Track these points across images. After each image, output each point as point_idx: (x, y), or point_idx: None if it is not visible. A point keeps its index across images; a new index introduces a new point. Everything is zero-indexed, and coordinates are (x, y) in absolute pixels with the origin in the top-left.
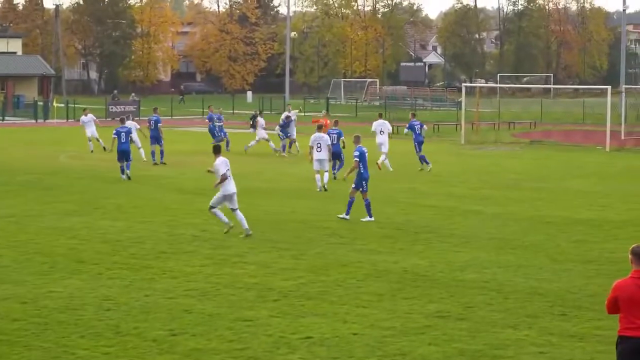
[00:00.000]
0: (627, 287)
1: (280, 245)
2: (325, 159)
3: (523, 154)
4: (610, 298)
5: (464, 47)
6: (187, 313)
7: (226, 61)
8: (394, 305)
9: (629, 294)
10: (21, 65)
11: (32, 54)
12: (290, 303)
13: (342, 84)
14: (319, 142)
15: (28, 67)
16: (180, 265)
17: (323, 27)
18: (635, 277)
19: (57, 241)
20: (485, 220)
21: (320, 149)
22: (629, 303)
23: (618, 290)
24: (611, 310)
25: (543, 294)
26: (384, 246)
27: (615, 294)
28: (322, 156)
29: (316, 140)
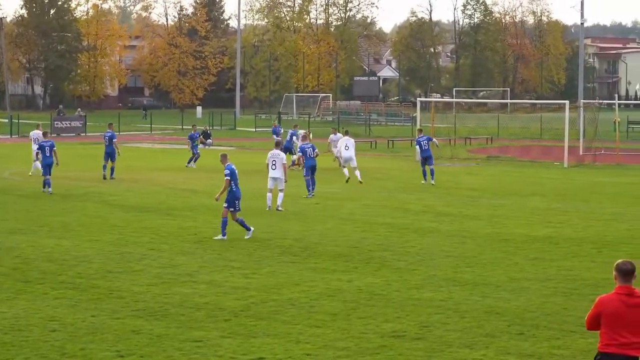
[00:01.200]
0: (611, 302)
1: (231, 264)
2: (279, 177)
3: (480, 170)
4: (592, 314)
5: (418, 61)
6: (135, 334)
7: (175, 75)
8: (348, 325)
9: (612, 309)
10: None
11: None
12: (241, 323)
13: (295, 98)
14: (274, 159)
15: None
16: (128, 284)
17: (275, 41)
18: (620, 292)
19: (0, 260)
20: (442, 238)
21: (275, 166)
22: (612, 319)
23: (601, 305)
24: (591, 325)
25: (500, 313)
26: (338, 264)
27: (599, 309)
28: (276, 174)
29: (272, 157)
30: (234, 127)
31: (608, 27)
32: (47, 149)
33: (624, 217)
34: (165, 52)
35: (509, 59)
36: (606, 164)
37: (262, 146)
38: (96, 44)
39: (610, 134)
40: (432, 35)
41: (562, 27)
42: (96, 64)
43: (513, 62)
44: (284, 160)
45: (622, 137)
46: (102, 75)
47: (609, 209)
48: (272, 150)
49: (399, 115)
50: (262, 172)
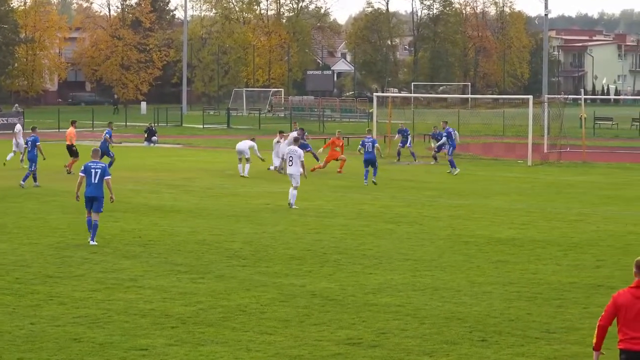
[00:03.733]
0: (623, 296)
1: (178, 268)
2: (295, 173)
3: (439, 169)
4: (606, 307)
5: (375, 54)
6: (76, 342)
7: (118, 69)
8: (301, 332)
9: (623, 302)
10: None
11: None
12: (189, 330)
13: (244, 93)
14: (291, 155)
15: None
16: (69, 290)
17: (223, 33)
18: (633, 286)
19: None
20: (399, 240)
21: (292, 162)
22: (624, 312)
23: (615, 300)
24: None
25: (461, 319)
26: (291, 268)
27: (613, 304)
28: (292, 170)
29: (290, 153)
30: (181, 124)
31: (573, 19)
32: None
33: (591, 217)
34: (108, 44)
35: (469, 52)
36: (572, 162)
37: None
38: (34, 36)
39: (576, 131)
40: (389, 27)
41: (526, 18)
42: (34, 57)
43: (474, 55)
44: (301, 157)
45: (589, 134)
46: (40, 69)
47: (575, 209)
48: (290, 147)
49: (354, 111)
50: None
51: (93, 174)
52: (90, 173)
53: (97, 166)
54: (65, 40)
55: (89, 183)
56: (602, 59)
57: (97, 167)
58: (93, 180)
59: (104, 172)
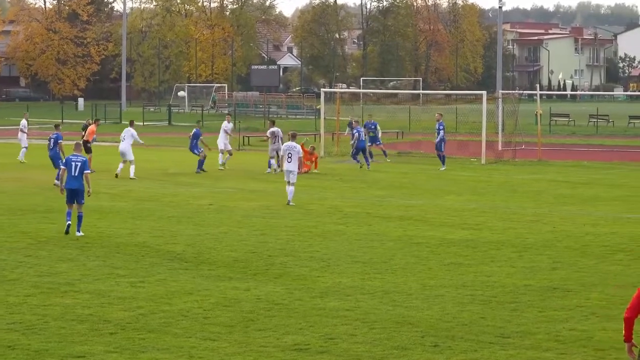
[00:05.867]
0: None
1: (117, 272)
2: (294, 170)
3: (390, 168)
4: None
5: (322, 48)
6: (10, 349)
7: (54, 64)
8: (246, 338)
9: None
10: None
11: None
12: (128, 336)
13: (186, 89)
14: (290, 151)
15: None
16: (2, 295)
17: (164, 26)
18: None
19: None
20: (348, 242)
21: (291, 159)
22: None
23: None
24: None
25: (413, 323)
26: (235, 271)
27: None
28: (291, 167)
29: (288, 149)
30: (120, 121)
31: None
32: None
33: (547, 218)
34: (43, 38)
35: (421, 46)
36: (527, 160)
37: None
38: None
39: (531, 128)
40: (337, 19)
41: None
42: None
43: (426, 49)
44: (300, 153)
45: (544, 131)
46: None
47: (531, 209)
48: (288, 142)
49: (301, 107)
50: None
51: (73, 166)
52: (71, 166)
53: (78, 159)
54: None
55: (69, 176)
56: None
57: (77, 160)
58: (73, 173)
59: (83, 166)
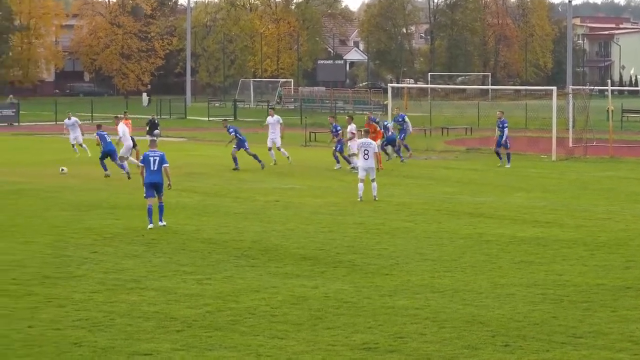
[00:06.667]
0: None
1: (183, 269)
2: (371, 166)
3: (458, 164)
4: None
5: (389, 43)
6: (76, 346)
7: (118, 59)
8: (314, 336)
9: None
10: None
11: None
12: (195, 334)
13: (252, 84)
14: (365, 148)
15: None
16: (69, 291)
17: (229, 20)
18: None
19: None
20: (417, 239)
21: (367, 156)
22: None
23: None
24: None
25: (483, 323)
26: (302, 269)
27: None
28: (368, 164)
29: (363, 146)
30: (185, 116)
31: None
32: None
33: (619, 215)
34: (107, 32)
35: (489, 41)
36: (598, 157)
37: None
38: (29, 24)
39: (602, 124)
40: (404, 14)
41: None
42: (30, 46)
43: (494, 44)
44: (375, 149)
45: (616, 127)
46: (36, 58)
47: (603, 206)
48: (363, 139)
49: (367, 102)
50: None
51: (152, 161)
52: (149, 161)
53: (155, 154)
54: (62, 28)
55: (148, 171)
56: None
57: (155, 155)
58: (152, 167)
59: (162, 160)
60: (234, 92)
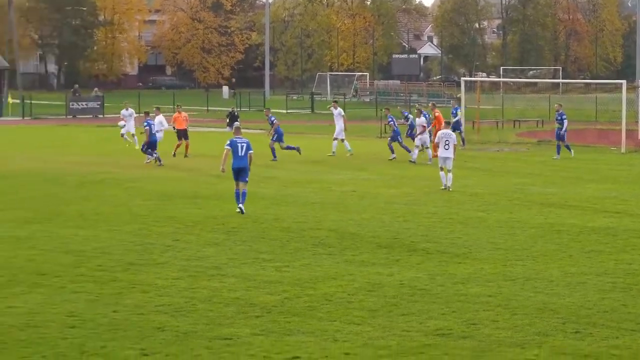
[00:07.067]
0: None
1: (263, 256)
2: (450, 157)
3: (529, 156)
4: None
5: (462, 38)
6: (159, 331)
7: (199, 53)
8: (389, 322)
9: None
10: None
11: None
12: (274, 320)
13: (328, 78)
14: (446, 139)
15: None
16: (152, 278)
17: (306, 15)
18: None
19: (14, 252)
20: (489, 229)
21: (448, 146)
22: None
23: None
24: None
25: (554, 310)
26: (378, 257)
27: None
28: (448, 154)
29: (444, 137)
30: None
31: None
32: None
33: None
34: (188, 27)
35: (560, 36)
36: None
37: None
38: (113, 19)
39: None
40: (476, 9)
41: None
42: (114, 41)
43: (565, 38)
44: (455, 141)
45: None
46: (120, 52)
47: None
48: (443, 130)
49: (441, 95)
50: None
51: (239, 147)
52: (237, 147)
53: (242, 141)
54: (144, 23)
55: (236, 156)
56: None
57: (242, 141)
58: (240, 153)
59: (248, 147)
60: (312, 85)
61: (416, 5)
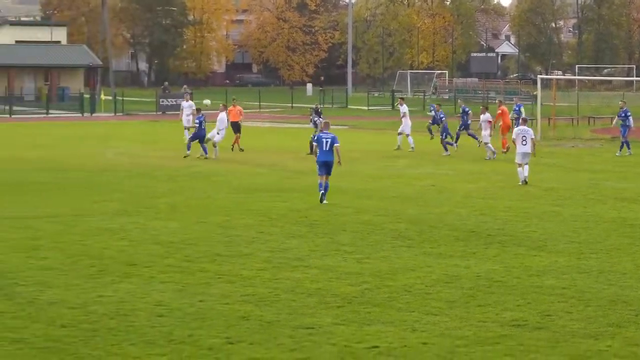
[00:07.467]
0: None
1: (344, 248)
2: (528, 152)
3: (604, 152)
4: None
5: (539, 37)
6: (244, 320)
7: (284, 51)
8: (466, 313)
9: None
10: (66, 55)
11: (78, 43)
12: (355, 310)
13: (409, 75)
14: (524, 135)
15: (73, 58)
16: (237, 268)
17: (388, 15)
18: None
19: (106, 242)
20: (564, 223)
21: (525, 142)
22: None
23: None
24: None
25: (627, 302)
26: (455, 250)
27: None
28: (526, 149)
29: (522, 133)
30: (346, 105)
31: None
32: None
33: None
34: (274, 26)
35: (634, 35)
36: None
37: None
38: (202, 19)
39: None
40: (553, 9)
41: None
42: (202, 40)
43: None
44: (532, 136)
45: None
46: (208, 51)
47: None
48: (521, 127)
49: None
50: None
51: (324, 142)
52: (322, 142)
53: (328, 136)
54: (232, 23)
55: (321, 151)
56: None
57: (327, 136)
58: (325, 147)
59: (333, 141)
60: (392, 83)
61: (494, 5)
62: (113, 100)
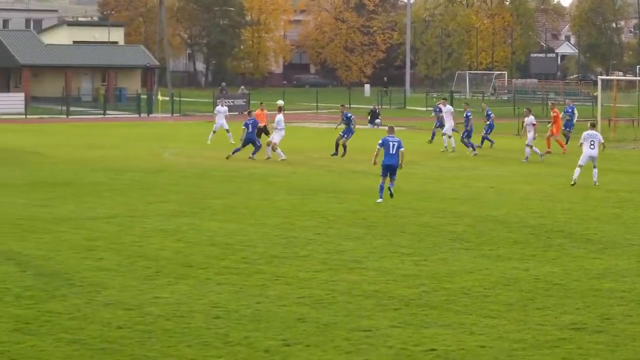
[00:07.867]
0: None
1: (401, 250)
2: (596, 156)
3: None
4: None
5: (599, 37)
6: (300, 322)
7: (342, 52)
8: (524, 316)
9: None
10: (123, 55)
11: (135, 43)
12: (412, 312)
13: (467, 76)
14: (592, 139)
15: (130, 58)
16: (294, 270)
17: (446, 16)
18: None
19: (162, 244)
20: (624, 225)
21: (593, 145)
22: None
23: None
24: None
25: None
26: (514, 252)
27: None
28: (593, 153)
29: (590, 137)
30: (404, 106)
31: None
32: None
33: None
34: (332, 27)
35: None
36: None
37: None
38: (260, 19)
39: None
40: (613, 9)
41: None
42: (260, 40)
43: None
44: (601, 140)
45: None
46: (266, 51)
47: None
48: (589, 131)
49: (578, 94)
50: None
51: (391, 146)
52: (389, 145)
53: (394, 140)
54: (289, 23)
55: (387, 154)
56: None
57: (394, 140)
58: (391, 151)
59: (399, 145)
60: (451, 84)
61: (554, 5)
62: (170, 100)
